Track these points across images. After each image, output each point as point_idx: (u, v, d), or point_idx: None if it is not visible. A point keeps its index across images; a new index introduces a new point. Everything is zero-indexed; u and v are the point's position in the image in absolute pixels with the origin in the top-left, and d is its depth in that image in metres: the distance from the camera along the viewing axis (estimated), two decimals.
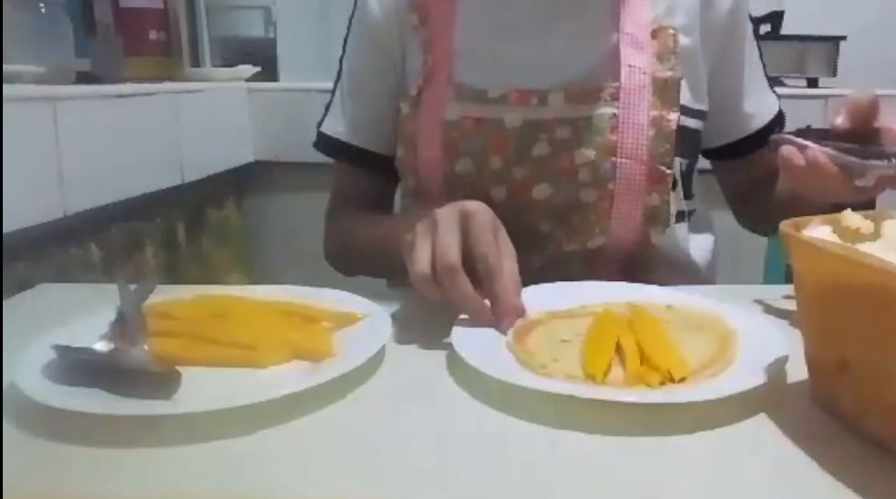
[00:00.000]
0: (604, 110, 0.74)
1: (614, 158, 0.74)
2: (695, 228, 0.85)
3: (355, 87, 0.85)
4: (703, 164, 0.89)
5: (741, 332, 0.56)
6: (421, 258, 0.57)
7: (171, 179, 1.30)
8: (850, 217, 0.50)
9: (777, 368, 0.50)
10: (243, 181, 1.66)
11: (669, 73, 0.75)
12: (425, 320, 0.63)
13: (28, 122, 0.94)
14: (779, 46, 1.73)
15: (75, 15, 1.29)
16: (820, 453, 0.42)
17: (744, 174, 0.90)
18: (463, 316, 0.58)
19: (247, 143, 1.62)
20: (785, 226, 0.47)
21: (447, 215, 0.59)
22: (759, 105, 0.87)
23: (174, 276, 1.35)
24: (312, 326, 0.59)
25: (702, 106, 0.82)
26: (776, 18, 1.76)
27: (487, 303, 0.58)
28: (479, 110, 0.75)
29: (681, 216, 0.81)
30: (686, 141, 0.79)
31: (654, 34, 0.76)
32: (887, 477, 0.40)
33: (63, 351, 0.51)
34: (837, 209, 0.51)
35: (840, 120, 0.61)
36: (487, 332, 0.57)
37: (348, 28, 0.86)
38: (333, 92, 0.88)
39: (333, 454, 0.43)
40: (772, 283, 0.83)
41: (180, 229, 1.40)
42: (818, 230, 0.49)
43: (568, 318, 0.61)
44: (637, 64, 0.75)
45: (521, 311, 0.59)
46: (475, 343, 0.55)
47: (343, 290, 0.66)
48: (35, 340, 0.52)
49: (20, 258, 0.94)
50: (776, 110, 0.88)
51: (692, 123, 0.80)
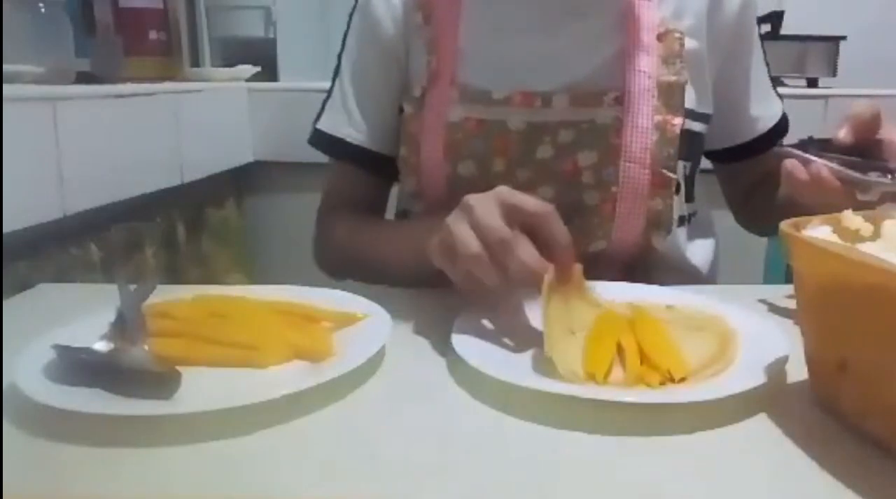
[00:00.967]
0: (608, 113, 0.74)
1: (618, 162, 0.74)
2: (696, 232, 0.85)
3: (358, 85, 0.84)
4: (704, 163, 0.89)
5: (741, 332, 0.56)
6: (468, 240, 0.55)
7: (171, 179, 1.30)
8: (850, 218, 0.50)
9: (777, 369, 0.50)
10: (243, 181, 1.66)
11: (675, 78, 0.75)
12: (425, 320, 0.63)
13: (28, 122, 0.94)
14: (779, 46, 1.74)
15: (75, 15, 1.29)
16: (820, 453, 0.42)
17: (746, 176, 0.90)
18: (464, 315, 0.58)
19: (247, 143, 1.62)
20: (785, 226, 0.47)
21: (478, 199, 0.57)
22: (765, 109, 0.87)
23: (174, 276, 1.35)
24: (312, 326, 0.59)
25: (706, 109, 0.82)
26: (776, 18, 1.76)
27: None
28: (483, 112, 0.75)
29: (682, 220, 0.81)
30: (690, 144, 0.78)
31: (661, 37, 0.76)
32: (887, 477, 0.40)
33: (63, 351, 0.51)
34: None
35: (843, 133, 0.61)
36: (487, 332, 0.57)
37: (348, 24, 0.85)
38: (331, 88, 0.86)
39: (333, 454, 0.43)
40: (772, 283, 0.83)
41: (180, 229, 1.40)
42: (818, 230, 0.49)
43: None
44: (642, 67, 0.74)
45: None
46: (475, 343, 0.55)
47: (343, 290, 0.66)
48: (35, 340, 0.52)
49: (20, 258, 0.94)
50: (780, 114, 0.88)
51: (696, 127, 0.80)
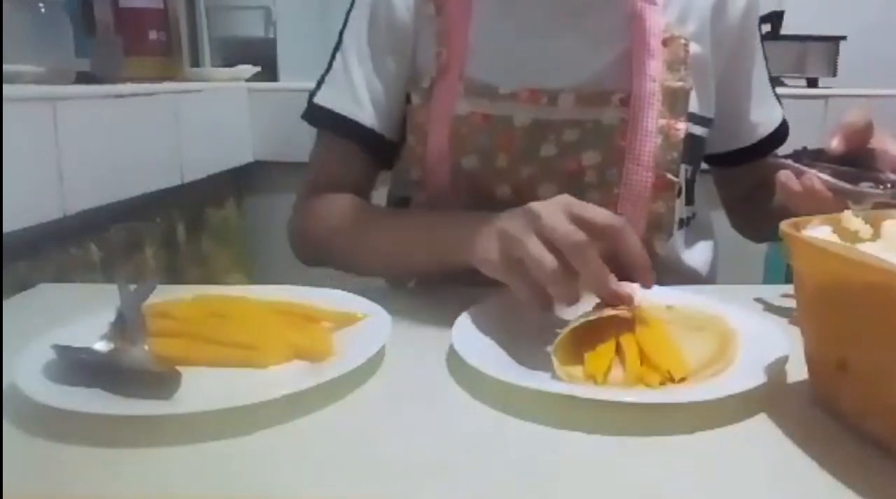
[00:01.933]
0: (613, 115, 0.74)
1: (621, 163, 0.74)
2: (695, 234, 0.85)
3: (366, 66, 0.81)
4: (703, 165, 0.89)
5: (741, 332, 0.56)
6: (542, 255, 0.54)
7: (171, 179, 1.30)
8: (850, 219, 0.50)
9: (777, 369, 0.50)
10: (243, 181, 1.66)
11: (679, 84, 0.75)
12: (425, 320, 0.63)
13: (28, 122, 0.94)
14: (779, 46, 1.74)
15: (75, 15, 1.29)
16: (820, 453, 0.42)
17: (743, 182, 0.90)
18: (464, 315, 0.58)
19: (247, 143, 1.62)
20: (785, 226, 0.47)
21: (544, 206, 0.56)
22: (765, 114, 0.87)
23: (174, 276, 1.35)
24: (312, 326, 0.59)
25: (709, 114, 0.82)
26: (776, 18, 1.76)
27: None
28: (489, 107, 0.75)
29: (681, 222, 0.82)
30: (692, 148, 0.79)
31: (666, 43, 0.76)
32: (887, 477, 0.40)
33: (63, 351, 0.51)
34: None
35: (835, 142, 0.61)
36: (487, 332, 0.57)
37: (352, 2, 0.83)
38: (330, 64, 0.83)
39: (333, 454, 0.43)
40: (772, 283, 0.83)
41: (180, 229, 1.40)
42: (818, 230, 0.49)
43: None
44: (648, 71, 0.75)
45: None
46: (475, 343, 0.55)
47: (343, 290, 0.66)
48: (35, 340, 0.52)
49: (20, 258, 0.94)
50: (780, 120, 0.88)
51: (699, 131, 0.80)
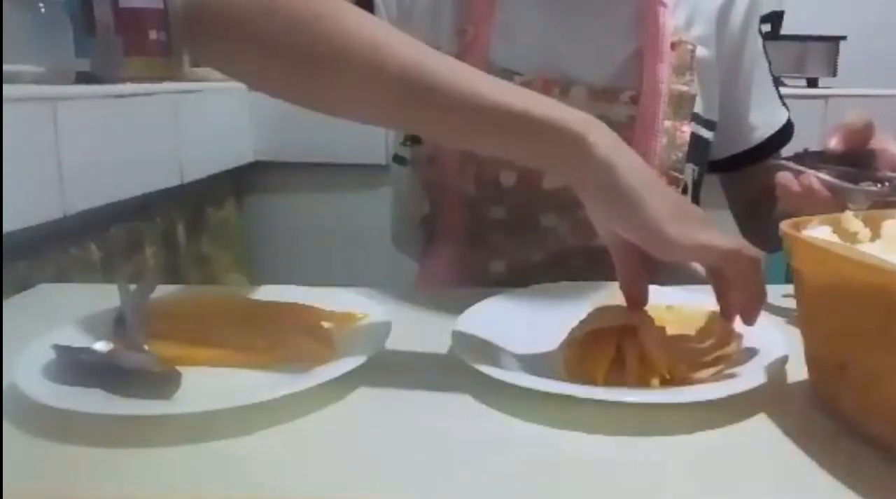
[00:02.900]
0: (622, 112, 0.75)
1: None
2: None
3: None
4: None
5: (741, 332, 0.56)
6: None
7: (171, 179, 1.30)
8: (850, 221, 0.50)
9: (777, 369, 0.50)
10: (243, 181, 1.66)
11: (685, 89, 0.76)
12: (425, 320, 0.63)
13: (28, 122, 0.94)
14: (779, 46, 1.74)
15: (75, 15, 1.29)
16: (820, 453, 0.42)
17: (748, 187, 0.91)
18: (465, 315, 0.58)
19: (247, 143, 1.62)
20: (785, 226, 0.47)
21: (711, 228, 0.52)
22: (765, 117, 0.87)
23: (174, 276, 1.35)
24: (312, 326, 0.59)
25: (714, 117, 0.83)
26: (776, 18, 1.76)
27: None
28: None
29: None
30: (698, 148, 0.80)
31: (674, 46, 0.77)
32: (888, 477, 0.40)
33: (63, 351, 0.51)
34: None
35: (834, 142, 0.61)
36: (488, 332, 0.57)
37: None
38: None
39: (333, 454, 0.43)
40: (772, 283, 0.83)
41: (180, 229, 1.40)
42: (818, 230, 0.49)
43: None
44: (656, 72, 0.76)
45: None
46: (475, 343, 0.55)
47: (344, 290, 0.66)
48: (35, 340, 0.52)
49: (20, 258, 0.94)
50: (782, 124, 0.88)
51: (704, 133, 0.81)
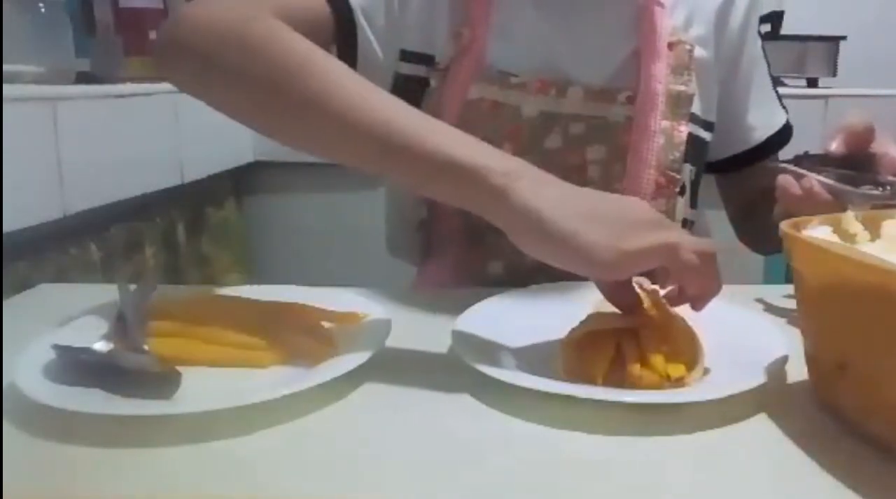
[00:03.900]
0: (620, 112, 0.75)
1: (625, 160, 0.75)
2: (696, 235, 0.85)
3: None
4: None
5: (741, 332, 0.56)
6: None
7: (171, 179, 1.30)
8: (851, 223, 0.50)
9: (777, 368, 0.50)
10: (243, 181, 1.66)
11: (682, 88, 0.76)
12: (425, 320, 0.63)
13: (28, 122, 0.94)
14: (779, 46, 1.74)
15: (75, 15, 1.29)
16: (820, 453, 0.42)
17: (745, 189, 0.90)
18: (465, 315, 0.59)
19: (247, 143, 1.62)
20: (785, 226, 0.47)
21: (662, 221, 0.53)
22: (764, 118, 0.87)
23: (174, 276, 1.35)
24: (312, 326, 0.59)
25: (712, 118, 0.83)
26: (776, 18, 1.76)
27: None
28: (499, 94, 0.75)
29: (683, 223, 0.82)
30: (695, 149, 0.79)
31: (671, 46, 0.77)
32: (888, 477, 0.40)
33: (63, 351, 0.51)
34: None
35: (834, 145, 0.61)
36: (487, 332, 0.57)
37: None
38: None
39: (333, 454, 0.43)
40: (772, 283, 0.83)
41: (180, 229, 1.40)
42: (818, 230, 0.49)
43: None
44: (654, 72, 0.76)
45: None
46: (475, 343, 0.55)
47: (343, 290, 0.66)
48: (35, 340, 0.52)
49: (20, 258, 0.94)
50: (780, 125, 0.88)
51: (702, 133, 0.81)
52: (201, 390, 0.49)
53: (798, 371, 0.50)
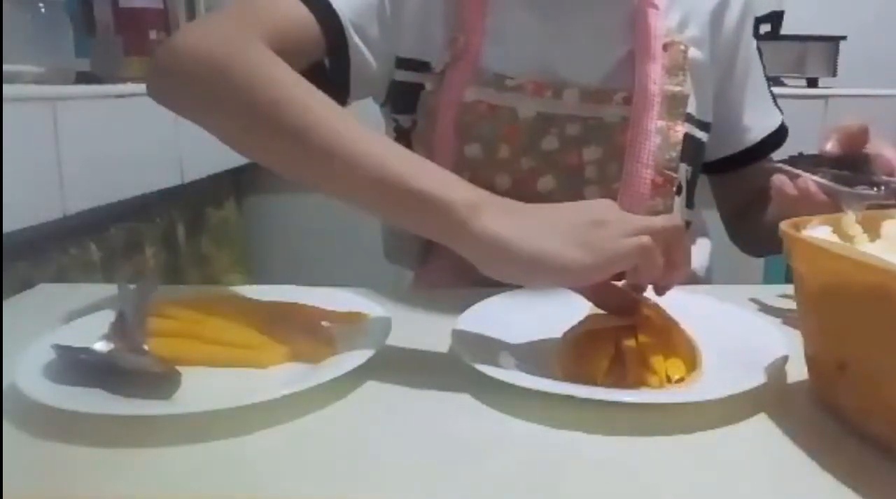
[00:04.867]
0: (616, 112, 0.75)
1: (621, 159, 0.75)
2: (692, 235, 0.85)
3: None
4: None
5: (741, 332, 0.56)
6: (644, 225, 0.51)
7: (171, 179, 1.30)
8: (850, 225, 0.50)
9: (777, 368, 0.50)
10: (243, 181, 1.66)
11: (678, 89, 0.77)
12: (425, 320, 0.63)
13: (28, 122, 0.94)
14: (779, 46, 1.74)
15: (75, 15, 1.29)
16: (820, 453, 0.43)
17: (739, 189, 0.91)
18: (465, 315, 0.59)
19: None
20: (785, 226, 0.47)
21: (610, 208, 0.54)
22: (758, 119, 0.87)
23: (174, 276, 1.35)
24: (312, 326, 0.59)
25: (708, 118, 0.83)
26: (776, 18, 1.76)
27: None
28: (495, 97, 0.75)
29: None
30: (692, 149, 0.80)
31: (666, 47, 0.77)
32: (888, 477, 0.40)
33: (63, 351, 0.51)
34: None
35: (829, 145, 0.61)
36: (487, 332, 0.57)
37: None
38: None
39: (333, 454, 0.43)
40: (771, 283, 0.83)
41: (180, 229, 1.40)
42: (818, 230, 0.49)
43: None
44: (649, 73, 0.76)
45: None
46: (475, 343, 0.55)
47: (343, 290, 0.66)
48: (35, 340, 0.52)
49: (20, 258, 0.94)
50: (775, 126, 0.88)
51: (698, 134, 0.81)
52: (201, 390, 0.49)
53: (797, 371, 0.50)
